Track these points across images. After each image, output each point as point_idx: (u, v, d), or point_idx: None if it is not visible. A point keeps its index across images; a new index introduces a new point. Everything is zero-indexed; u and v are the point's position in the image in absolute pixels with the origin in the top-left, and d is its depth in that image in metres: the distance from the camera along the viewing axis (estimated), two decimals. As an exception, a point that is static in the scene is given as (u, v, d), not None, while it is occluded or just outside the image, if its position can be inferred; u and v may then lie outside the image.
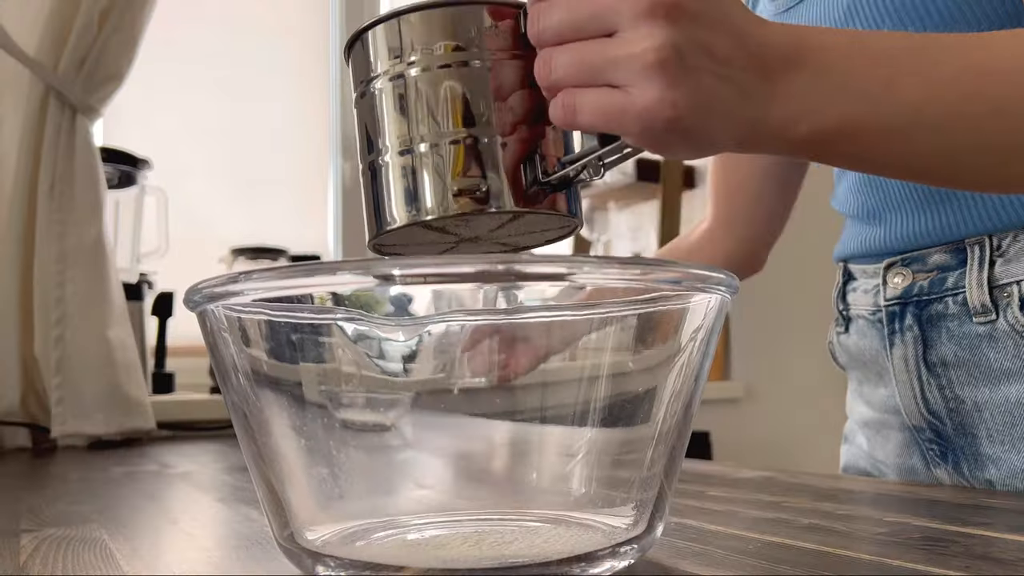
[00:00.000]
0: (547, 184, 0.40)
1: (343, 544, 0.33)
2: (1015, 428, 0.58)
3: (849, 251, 0.70)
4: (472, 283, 0.31)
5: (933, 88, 0.41)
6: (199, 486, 0.65)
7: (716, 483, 0.59)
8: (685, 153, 0.40)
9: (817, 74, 0.40)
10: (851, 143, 0.41)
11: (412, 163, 0.40)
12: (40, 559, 0.38)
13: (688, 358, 0.34)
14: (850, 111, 0.40)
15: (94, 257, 1.06)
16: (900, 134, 0.41)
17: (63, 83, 1.04)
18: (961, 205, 0.60)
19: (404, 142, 0.40)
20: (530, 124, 0.40)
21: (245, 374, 0.33)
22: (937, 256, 0.61)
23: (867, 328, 0.67)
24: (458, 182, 0.39)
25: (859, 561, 0.35)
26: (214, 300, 0.32)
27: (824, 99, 0.40)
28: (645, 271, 0.31)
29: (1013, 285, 0.57)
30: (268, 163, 1.72)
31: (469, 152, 0.39)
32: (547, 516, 0.35)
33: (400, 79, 0.40)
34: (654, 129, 0.37)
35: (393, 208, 0.41)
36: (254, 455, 0.34)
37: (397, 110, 0.40)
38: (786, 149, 0.42)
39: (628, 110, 0.37)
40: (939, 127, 0.41)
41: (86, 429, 1.02)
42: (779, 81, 0.39)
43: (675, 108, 0.36)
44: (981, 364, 0.59)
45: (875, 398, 0.68)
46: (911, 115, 0.41)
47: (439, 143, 0.39)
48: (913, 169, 0.45)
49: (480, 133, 0.39)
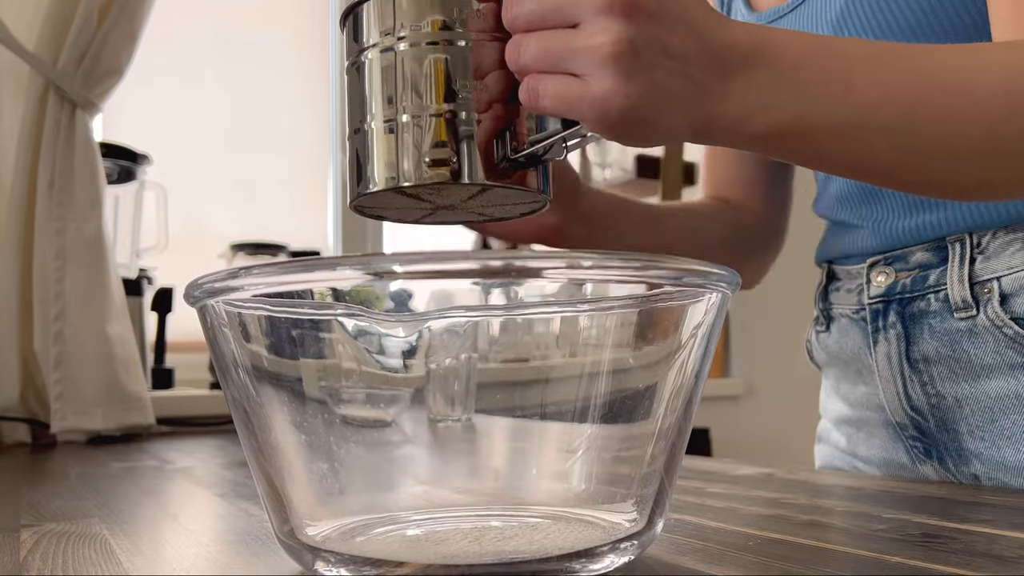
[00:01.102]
0: (516, 161, 0.43)
1: (343, 540, 0.33)
2: (995, 423, 0.58)
3: (832, 253, 0.70)
4: (472, 279, 0.31)
5: (887, 91, 0.42)
6: (199, 482, 0.65)
7: (716, 480, 0.59)
8: (641, 141, 0.42)
9: (775, 73, 0.41)
10: (805, 141, 0.43)
11: (393, 132, 0.42)
12: (40, 554, 0.38)
13: (688, 355, 0.34)
14: (805, 109, 0.42)
15: (93, 253, 1.06)
16: (853, 134, 0.43)
17: (62, 78, 1.04)
18: (943, 205, 0.60)
19: (388, 111, 0.43)
20: (504, 104, 0.43)
21: (245, 369, 0.33)
22: (919, 254, 0.62)
23: (849, 327, 0.67)
24: (433, 153, 0.42)
25: (858, 558, 0.35)
26: (214, 295, 0.32)
27: (780, 97, 0.41)
28: (645, 266, 0.31)
29: (993, 281, 0.57)
30: (268, 159, 1.72)
31: (446, 125, 0.42)
32: (547, 512, 0.35)
33: (389, 51, 0.43)
34: (608, 117, 0.39)
35: (373, 172, 0.43)
36: (254, 451, 0.34)
37: (383, 81, 0.43)
38: (742, 143, 0.44)
39: (584, 98, 0.39)
40: (891, 129, 0.43)
41: (85, 425, 1.02)
42: (736, 78, 0.41)
43: (628, 98, 0.39)
44: (962, 360, 0.59)
45: (854, 395, 0.68)
46: (864, 116, 0.42)
47: (420, 115, 0.42)
48: (867, 169, 0.47)
49: (458, 108, 0.42)
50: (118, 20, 1.06)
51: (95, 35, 1.05)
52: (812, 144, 0.43)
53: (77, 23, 1.04)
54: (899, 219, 0.63)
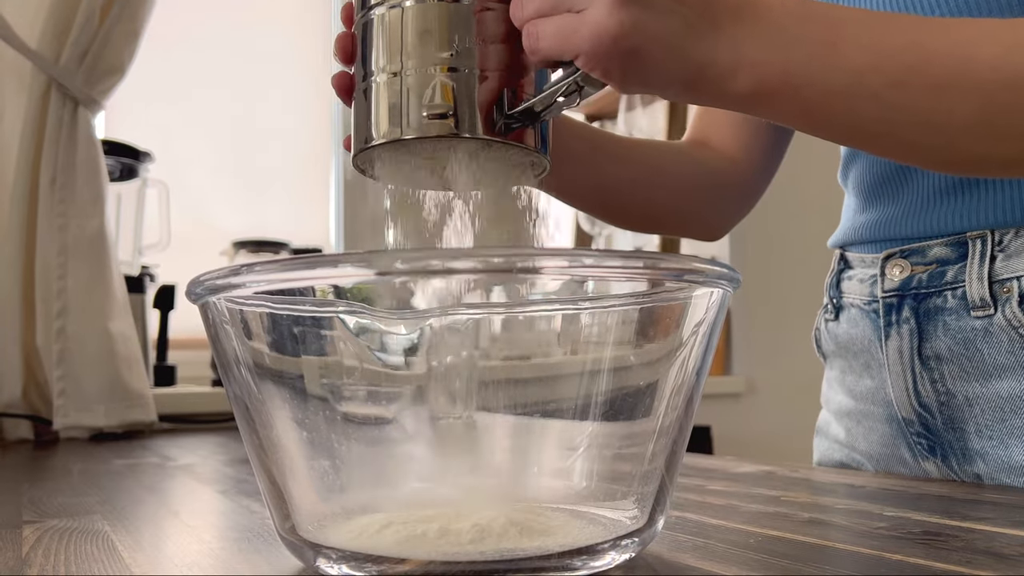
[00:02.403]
0: (513, 116, 0.44)
1: (344, 536, 0.33)
2: (1004, 423, 0.58)
3: (848, 238, 0.69)
4: (473, 276, 0.31)
5: (876, 57, 0.43)
6: (200, 478, 0.65)
7: (717, 477, 0.59)
8: (633, 81, 0.42)
9: (764, 29, 0.43)
10: (790, 100, 0.44)
11: (395, 86, 0.43)
12: (42, 550, 0.38)
13: (689, 352, 0.34)
14: (792, 68, 0.43)
15: (96, 250, 1.06)
16: (840, 96, 0.43)
17: (65, 75, 1.04)
18: (967, 199, 0.59)
19: (392, 66, 0.43)
20: (507, 62, 0.44)
21: (247, 366, 0.33)
22: (937, 249, 0.61)
23: (860, 318, 0.67)
24: (434, 107, 0.43)
25: (859, 555, 0.35)
26: (216, 292, 0.32)
27: (768, 53, 0.42)
28: (647, 264, 0.31)
29: (1013, 281, 0.57)
30: (270, 156, 1.72)
31: (448, 81, 0.43)
32: (548, 509, 0.35)
33: (396, 8, 0.44)
34: (602, 45, 0.40)
35: (374, 127, 0.44)
36: (255, 447, 0.34)
37: (388, 37, 0.44)
38: (729, 101, 0.45)
39: (580, 28, 0.41)
40: (879, 95, 0.43)
41: (88, 421, 1.02)
42: (725, 29, 0.42)
43: (622, 26, 0.40)
44: (975, 359, 0.59)
45: (859, 388, 0.68)
46: (852, 79, 0.43)
47: (422, 69, 0.43)
48: (852, 133, 0.47)
49: (459, 64, 0.43)
50: (120, 18, 1.06)
51: (97, 33, 1.05)
52: (797, 104, 0.44)
53: (79, 21, 1.04)
54: (920, 210, 0.62)
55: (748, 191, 0.76)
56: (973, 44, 0.43)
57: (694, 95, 0.45)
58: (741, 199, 0.76)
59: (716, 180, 0.73)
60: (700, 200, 0.73)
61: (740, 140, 0.74)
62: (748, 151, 0.74)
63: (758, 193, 0.76)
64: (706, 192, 0.73)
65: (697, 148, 0.74)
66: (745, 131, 0.74)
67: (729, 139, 0.74)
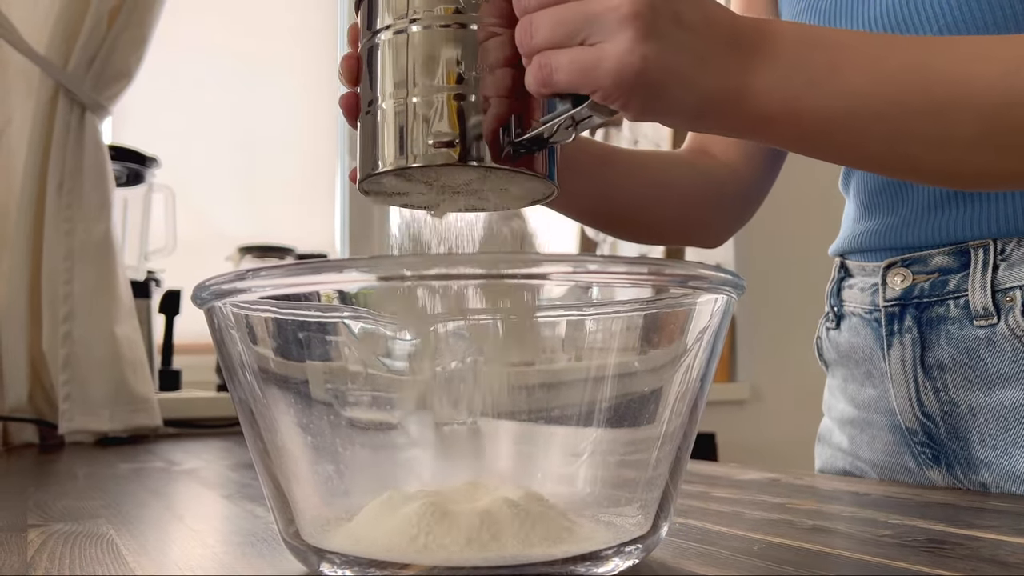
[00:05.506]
0: (520, 143, 0.43)
1: (348, 541, 0.33)
2: (1008, 432, 0.57)
3: (848, 246, 0.69)
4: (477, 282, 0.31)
5: (877, 79, 0.43)
6: (205, 483, 0.65)
7: (721, 484, 0.59)
8: (648, 111, 0.42)
9: (769, 59, 0.43)
10: (792, 126, 0.44)
11: (401, 112, 0.43)
12: (47, 554, 0.38)
13: (694, 358, 0.34)
14: (792, 95, 0.43)
15: (102, 254, 1.06)
16: (841, 121, 0.44)
17: (72, 81, 1.05)
18: (969, 208, 0.59)
19: (398, 92, 0.43)
20: (513, 88, 0.43)
21: (252, 371, 0.33)
22: (939, 258, 0.61)
23: (861, 326, 0.66)
24: (440, 135, 0.42)
25: (864, 563, 0.34)
26: (222, 297, 0.32)
27: (770, 81, 0.43)
28: (651, 270, 0.31)
29: (1016, 289, 0.57)
30: (275, 161, 1.73)
31: (453, 108, 0.42)
32: (552, 515, 0.35)
33: (402, 34, 0.43)
34: (624, 80, 0.40)
35: (380, 153, 0.44)
36: (260, 452, 0.34)
37: (394, 62, 0.43)
38: (735, 128, 0.45)
39: (601, 63, 0.40)
40: (882, 116, 0.44)
41: (93, 426, 1.02)
42: (732, 57, 0.43)
43: (644, 60, 0.40)
44: (978, 368, 0.59)
45: (861, 397, 0.68)
46: (852, 102, 0.43)
47: (428, 97, 0.42)
48: (856, 156, 0.48)
49: (466, 91, 0.42)
50: (127, 24, 1.07)
51: (105, 39, 1.06)
52: (799, 130, 0.44)
53: (87, 26, 1.04)
54: (921, 219, 0.62)
55: (749, 198, 0.76)
56: (974, 62, 0.43)
57: (699, 124, 0.45)
58: (743, 206, 0.76)
59: (718, 189, 0.73)
60: (703, 210, 0.73)
61: (741, 148, 0.74)
62: (749, 159, 0.74)
63: (759, 200, 0.77)
64: (709, 202, 0.74)
65: (698, 156, 0.74)
66: (747, 145, 0.74)
67: (730, 147, 0.74)
